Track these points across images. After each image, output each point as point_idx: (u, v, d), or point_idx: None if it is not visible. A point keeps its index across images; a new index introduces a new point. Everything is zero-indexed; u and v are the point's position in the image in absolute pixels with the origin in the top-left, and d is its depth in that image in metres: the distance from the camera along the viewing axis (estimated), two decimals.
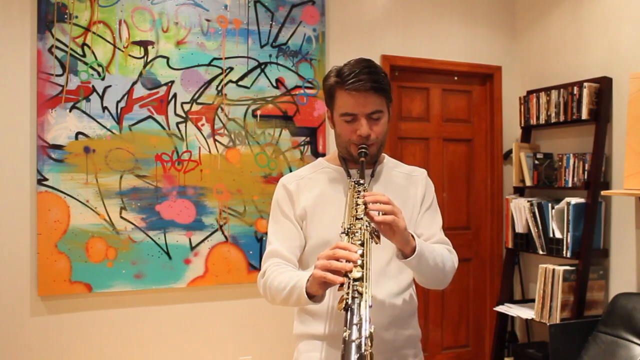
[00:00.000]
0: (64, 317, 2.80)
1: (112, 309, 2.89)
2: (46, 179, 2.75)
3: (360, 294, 1.15)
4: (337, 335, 1.39)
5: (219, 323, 3.09)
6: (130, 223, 2.90)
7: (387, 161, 1.63)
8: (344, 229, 1.31)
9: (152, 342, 2.96)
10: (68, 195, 2.78)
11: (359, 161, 1.46)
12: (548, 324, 2.96)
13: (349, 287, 1.16)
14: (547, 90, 3.39)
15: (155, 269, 2.94)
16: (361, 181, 1.42)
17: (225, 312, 3.10)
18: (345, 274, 1.19)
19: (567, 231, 3.11)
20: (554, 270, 3.10)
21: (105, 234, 2.85)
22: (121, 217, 2.88)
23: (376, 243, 1.31)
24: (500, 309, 3.47)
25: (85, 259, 2.81)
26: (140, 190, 2.92)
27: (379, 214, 1.30)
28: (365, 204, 1.31)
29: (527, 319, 3.38)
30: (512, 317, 3.64)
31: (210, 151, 3.06)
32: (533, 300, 3.28)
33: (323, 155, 3.25)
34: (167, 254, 2.96)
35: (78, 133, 2.82)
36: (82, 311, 2.83)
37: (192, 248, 3.02)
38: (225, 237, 3.08)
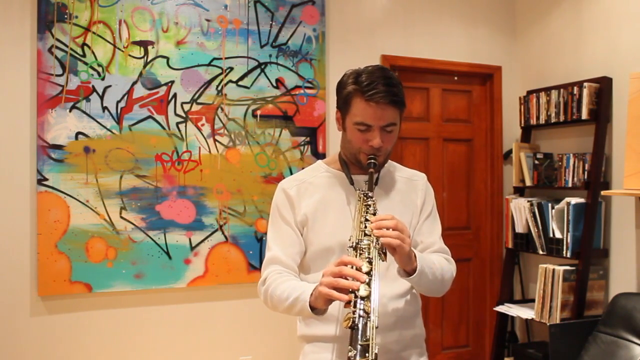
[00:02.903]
0: (64, 317, 2.80)
1: (112, 309, 2.89)
2: (46, 179, 2.75)
3: (367, 313, 1.15)
4: (347, 338, 1.39)
5: (219, 323, 3.09)
6: (130, 223, 2.90)
7: (389, 165, 1.63)
8: (352, 242, 1.31)
9: (152, 342, 2.96)
10: (68, 195, 2.78)
11: (368, 172, 1.45)
12: (548, 324, 2.96)
13: (355, 306, 1.16)
14: (547, 90, 3.39)
15: (155, 269, 2.94)
16: (370, 194, 1.41)
17: (225, 312, 3.10)
18: (352, 291, 1.19)
19: (567, 231, 3.11)
20: (554, 270, 3.10)
21: (105, 234, 2.85)
22: (121, 217, 2.88)
23: (383, 261, 1.31)
24: (500, 309, 3.47)
25: (85, 259, 2.81)
26: (140, 190, 2.92)
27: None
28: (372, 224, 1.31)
29: (527, 319, 3.38)
30: (512, 317, 3.64)
31: (210, 151, 3.06)
32: (533, 300, 3.28)
33: (323, 155, 3.25)
34: (167, 254, 2.96)
35: (78, 133, 2.82)
36: (82, 311, 2.83)
37: (192, 248, 3.02)
38: (225, 237, 3.08)
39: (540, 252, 3.31)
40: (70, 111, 2.80)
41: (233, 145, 3.11)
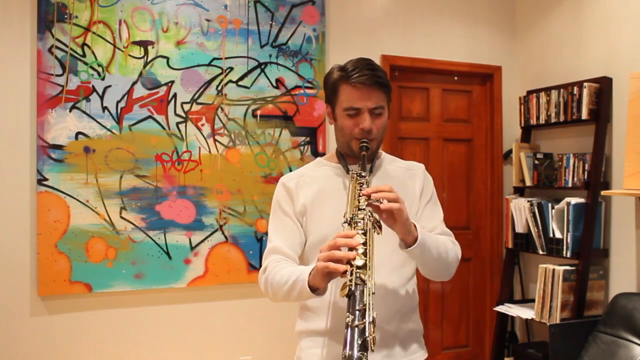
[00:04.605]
0: (64, 317, 2.80)
1: (112, 309, 2.89)
2: (46, 179, 2.75)
3: (364, 281, 1.16)
4: (338, 330, 1.40)
5: (219, 323, 3.09)
6: (130, 223, 2.90)
7: (385, 156, 1.66)
8: (346, 218, 1.33)
9: (152, 342, 2.96)
10: (68, 195, 2.78)
11: (360, 155, 1.49)
12: (548, 324, 2.96)
13: (351, 275, 1.18)
14: (547, 90, 3.39)
15: (155, 269, 2.94)
16: (363, 173, 1.44)
17: (225, 312, 3.10)
18: (348, 262, 1.20)
19: (567, 231, 3.11)
20: (554, 270, 3.10)
21: (105, 234, 2.85)
22: (121, 217, 2.88)
23: (378, 234, 1.32)
24: (500, 309, 3.47)
25: (85, 259, 2.81)
26: (140, 190, 2.92)
27: (381, 202, 1.31)
28: (368, 195, 1.32)
29: (527, 319, 3.38)
30: (512, 317, 3.64)
31: (210, 151, 3.06)
32: (533, 300, 3.28)
33: (323, 155, 3.25)
34: (167, 254, 2.96)
35: (78, 133, 2.82)
36: (82, 311, 2.83)
37: (192, 248, 3.02)
38: (225, 237, 3.08)
39: (540, 252, 3.31)
40: (70, 111, 2.80)
41: (233, 145, 3.11)
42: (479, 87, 3.84)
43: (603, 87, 3.10)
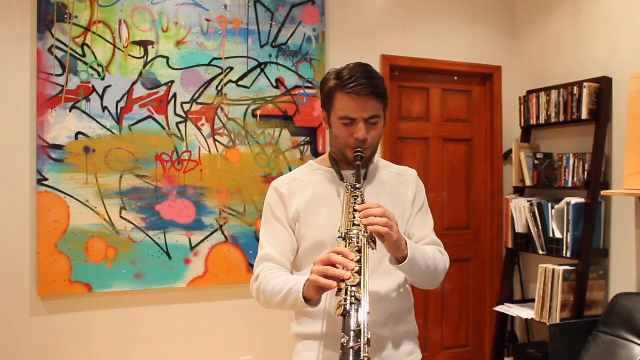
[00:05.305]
0: (64, 317, 2.80)
1: (112, 309, 2.89)
2: (46, 179, 2.75)
3: (358, 300, 1.16)
4: (333, 334, 1.40)
5: (219, 323, 3.09)
6: (130, 223, 2.90)
7: (378, 161, 1.65)
8: (341, 233, 1.32)
9: (152, 342, 2.96)
10: (68, 195, 2.78)
11: (355, 165, 1.47)
12: (548, 324, 2.96)
13: (346, 293, 1.17)
14: (547, 90, 3.39)
15: (155, 269, 2.94)
16: (357, 186, 1.43)
17: (225, 312, 3.10)
18: (343, 280, 1.20)
19: (567, 231, 3.11)
20: (554, 270, 3.10)
21: (105, 234, 2.85)
22: (121, 217, 2.88)
23: (372, 249, 1.32)
24: (500, 309, 3.47)
25: (85, 259, 2.81)
26: (140, 190, 2.92)
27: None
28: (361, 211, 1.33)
29: (527, 319, 3.38)
30: (512, 317, 3.64)
31: (210, 151, 3.06)
32: (533, 300, 3.28)
33: (323, 155, 3.25)
34: (167, 254, 2.96)
35: (78, 133, 2.82)
36: (82, 311, 2.83)
37: (192, 248, 3.02)
38: (225, 237, 3.08)
39: (540, 252, 3.31)
40: (70, 111, 2.80)
41: (233, 145, 3.11)
42: (479, 87, 3.84)
43: (603, 87, 3.10)
